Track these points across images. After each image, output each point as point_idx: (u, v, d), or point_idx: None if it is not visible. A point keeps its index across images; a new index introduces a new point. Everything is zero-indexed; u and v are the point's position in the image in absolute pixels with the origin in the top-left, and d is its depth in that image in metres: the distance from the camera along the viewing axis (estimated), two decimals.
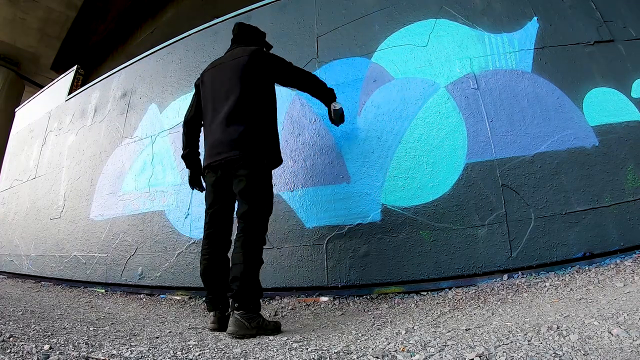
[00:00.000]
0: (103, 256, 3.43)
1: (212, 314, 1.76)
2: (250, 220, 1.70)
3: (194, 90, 2.11)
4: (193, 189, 2.13)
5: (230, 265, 1.67)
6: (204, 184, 2.02)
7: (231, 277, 1.61)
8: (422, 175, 2.26)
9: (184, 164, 2.09)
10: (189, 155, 2.07)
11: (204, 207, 1.88)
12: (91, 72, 8.17)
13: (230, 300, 1.61)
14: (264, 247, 1.74)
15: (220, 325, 1.71)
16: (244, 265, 1.59)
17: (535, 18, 2.35)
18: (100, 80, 4.64)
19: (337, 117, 2.25)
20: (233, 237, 1.79)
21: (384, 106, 2.48)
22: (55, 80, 5.76)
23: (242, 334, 1.51)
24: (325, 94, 2.20)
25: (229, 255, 1.78)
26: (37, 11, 8.42)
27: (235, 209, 1.80)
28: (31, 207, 4.68)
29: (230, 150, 1.74)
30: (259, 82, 1.87)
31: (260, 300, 1.67)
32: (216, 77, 1.94)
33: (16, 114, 6.47)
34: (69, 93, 5.15)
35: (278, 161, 1.93)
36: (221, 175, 1.80)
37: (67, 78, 5.46)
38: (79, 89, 5.07)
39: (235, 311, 1.54)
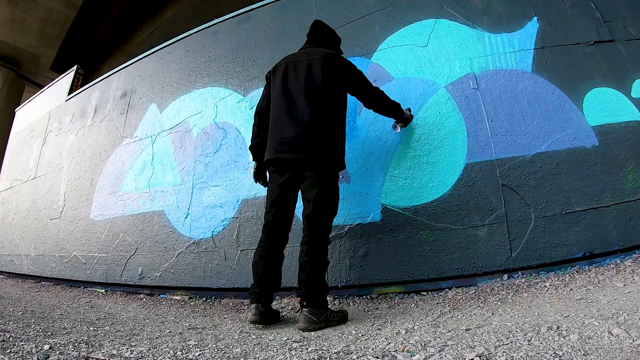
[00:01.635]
0: (103, 256, 3.43)
1: (253, 306, 1.74)
2: (317, 224, 1.76)
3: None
4: (257, 183, 2.13)
5: (298, 267, 1.73)
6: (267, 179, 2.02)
7: (299, 280, 1.70)
8: (422, 175, 2.26)
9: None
10: (259, 145, 2.05)
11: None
12: (91, 72, 8.18)
13: (299, 299, 1.69)
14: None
15: (261, 317, 1.71)
16: (311, 269, 1.68)
17: (535, 18, 2.35)
18: (100, 80, 4.64)
19: (397, 131, 2.37)
20: (291, 234, 1.89)
21: None
22: (55, 80, 5.76)
23: (312, 328, 1.62)
24: (391, 113, 2.19)
25: (284, 252, 1.89)
26: (37, 11, 8.43)
27: (303, 210, 1.82)
28: (31, 207, 4.68)
29: (300, 151, 1.76)
30: (331, 86, 1.87)
31: (327, 297, 1.76)
32: (288, 73, 1.93)
33: (16, 114, 6.48)
34: (69, 93, 5.15)
35: (343, 165, 1.93)
36: (289, 177, 1.83)
37: (67, 78, 5.46)
38: (79, 89, 5.07)
39: (304, 308, 1.65)
